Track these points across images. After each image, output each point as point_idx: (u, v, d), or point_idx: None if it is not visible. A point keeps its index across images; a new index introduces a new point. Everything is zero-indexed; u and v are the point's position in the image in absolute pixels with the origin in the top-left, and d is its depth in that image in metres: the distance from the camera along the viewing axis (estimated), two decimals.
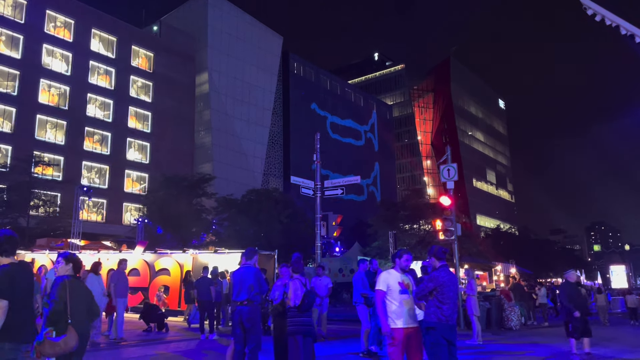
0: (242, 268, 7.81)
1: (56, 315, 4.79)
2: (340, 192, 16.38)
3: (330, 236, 16.07)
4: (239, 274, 7.69)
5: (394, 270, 6.32)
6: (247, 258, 7.91)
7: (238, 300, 7.49)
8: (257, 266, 7.92)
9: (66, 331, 4.76)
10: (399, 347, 5.94)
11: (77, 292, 5.05)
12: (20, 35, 47.82)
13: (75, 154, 49.21)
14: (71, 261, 5.31)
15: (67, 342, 4.72)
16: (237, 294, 7.54)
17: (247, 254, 7.98)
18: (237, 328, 7.45)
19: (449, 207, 16.26)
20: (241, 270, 7.77)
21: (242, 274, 7.64)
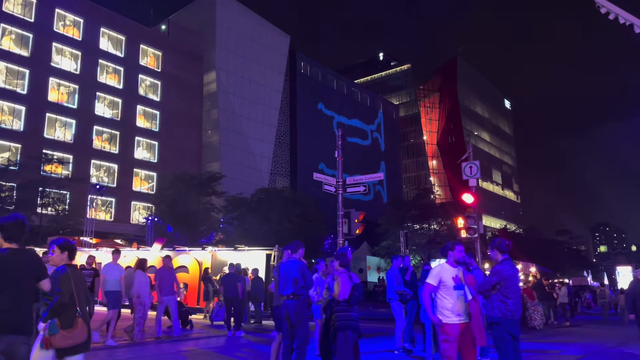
0: (288, 261, 7.65)
1: (61, 308, 4.65)
2: (363, 188, 16.26)
3: (352, 233, 15.95)
4: (284, 268, 7.54)
5: (447, 264, 6.20)
6: (292, 251, 7.75)
7: (283, 294, 7.35)
8: (304, 260, 7.78)
9: (75, 323, 4.65)
10: (454, 344, 5.83)
11: (79, 282, 4.90)
12: (29, 34, 47.86)
13: (84, 153, 49.22)
14: (66, 249, 5.02)
15: (78, 335, 4.64)
16: (282, 288, 7.41)
17: (293, 247, 7.81)
18: (284, 323, 7.32)
19: (472, 205, 16.15)
20: (287, 263, 7.62)
21: (288, 267, 7.49)
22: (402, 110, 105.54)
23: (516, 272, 5.87)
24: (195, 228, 42.44)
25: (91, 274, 11.63)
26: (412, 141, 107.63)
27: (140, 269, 11.45)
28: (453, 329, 5.85)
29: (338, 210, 16.11)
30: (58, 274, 4.79)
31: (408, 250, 36.93)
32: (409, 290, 10.05)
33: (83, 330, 4.68)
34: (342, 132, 19.48)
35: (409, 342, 10.31)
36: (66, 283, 4.73)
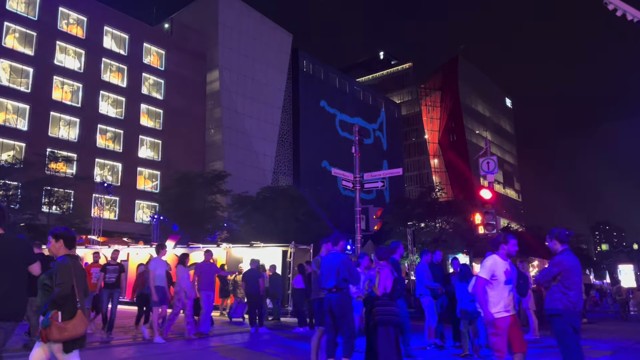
0: (330, 254, 7.49)
1: (63, 299, 4.50)
2: (381, 184, 16.12)
3: (371, 230, 15.84)
4: (326, 260, 7.39)
5: (498, 256, 6.07)
6: (333, 244, 7.59)
7: (326, 287, 7.19)
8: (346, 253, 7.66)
9: (75, 315, 4.51)
10: (503, 337, 5.73)
11: (79, 274, 4.74)
12: (33, 32, 47.70)
13: (88, 151, 49.02)
14: (61, 237, 4.83)
15: (77, 327, 4.47)
16: (324, 281, 7.24)
17: (333, 240, 7.64)
18: (327, 316, 7.14)
19: (490, 201, 16.03)
20: (329, 256, 7.46)
21: (330, 260, 7.33)
22: (404, 109, 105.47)
23: (577, 263, 5.74)
24: (201, 226, 42.32)
25: (116, 269, 11.53)
26: (413, 140, 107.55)
27: (182, 264, 11.25)
28: (503, 322, 5.74)
29: (355, 206, 15.99)
30: (59, 264, 4.62)
31: (415, 249, 36.82)
32: (440, 285, 9.95)
33: (82, 323, 4.54)
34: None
35: (439, 338, 10.21)
36: (67, 274, 4.56)
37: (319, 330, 7.57)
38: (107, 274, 11.41)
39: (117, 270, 11.59)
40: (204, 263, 12.24)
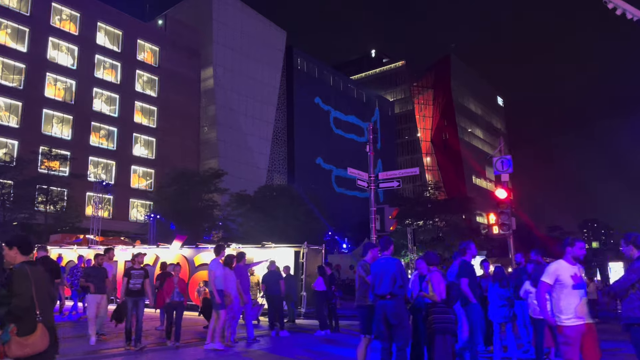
0: (383, 259, 7.17)
1: (20, 311, 4.03)
2: (397, 184, 15.86)
3: (387, 230, 15.58)
4: (379, 266, 7.05)
5: (564, 260, 5.83)
6: (383, 248, 7.28)
7: (379, 293, 6.87)
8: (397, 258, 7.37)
9: (35, 329, 4.06)
10: (574, 346, 5.48)
11: (40, 282, 4.26)
12: (26, 28, 46.93)
13: (81, 149, 48.31)
14: (15, 244, 4.39)
15: (36, 343, 4.05)
16: (377, 287, 6.91)
17: (383, 244, 7.33)
18: (381, 325, 6.81)
19: (505, 200, 15.86)
20: (381, 261, 7.14)
21: (384, 265, 7.00)
22: (397, 107, 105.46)
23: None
24: (199, 225, 41.92)
25: (141, 275, 10.39)
26: (406, 138, 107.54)
27: (227, 266, 10.49)
28: (572, 331, 5.49)
29: (370, 206, 15.74)
30: (15, 273, 4.16)
31: (416, 247, 36.73)
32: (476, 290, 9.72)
33: (44, 337, 4.09)
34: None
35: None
36: (23, 283, 4.10)
37: (365, 339, 7.22)
38: (132, 280, 10.28)
39: (142, 275, 10.44)
40: (241, 266, 11.49)
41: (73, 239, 31.29)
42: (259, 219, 38.68)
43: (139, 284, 10.34)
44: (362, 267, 7.37)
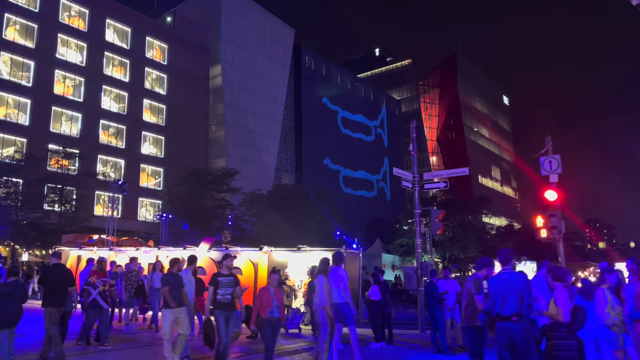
0: (505, 274, 6.25)
1: None
2: (444, 185, 15.14)
3: (434, 234, 14.89)
4: (502, 282, 6.14)
5: None
6: (504, 262, 6.35)
7: (503, 314, 5.99)
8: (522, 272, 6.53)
9: None
10: None
11: None
12: (34, 25, 46.22)
13: (90, 148, 47.55)
14: None
15: None
16: (500, 306, 6.05)
17: (504, 257, 6.35)
18: (505, 351, 5.96)
19: (555, 203, 15.12)
20: (504, 276, 6.21)
21: (508, 281, 6.10)
22: (403, 106, 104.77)
23: None
24: (211, 225, 41.23)
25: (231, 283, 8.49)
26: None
27: (322, 274, 9.17)
28: None
29: (415, 208, 14.98)
30: None
31: (434, 249, 36.05)
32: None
33: None
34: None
35: None
36: None
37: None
38: (220, 289, 8.26)
39: (232, 283, 8.37)
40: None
41: (86, 239, 30.57)
42: (274, 219, 37.94)
43: (229, 294, 8.31)
44: (473, 284, 6.52)
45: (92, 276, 10.63)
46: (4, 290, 8.29)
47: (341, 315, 8.96)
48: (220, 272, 8.66)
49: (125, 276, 13.95)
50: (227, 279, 8.47)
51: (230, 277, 8.52)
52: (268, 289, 8.32)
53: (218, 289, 8.28)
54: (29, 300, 23.70)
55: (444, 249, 44.68)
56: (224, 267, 8.75)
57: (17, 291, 8.34)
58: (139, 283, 14.03)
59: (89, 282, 10.53)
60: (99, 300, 10.42)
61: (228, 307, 8.30)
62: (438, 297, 10.51)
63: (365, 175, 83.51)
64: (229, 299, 8.34)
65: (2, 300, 8.16)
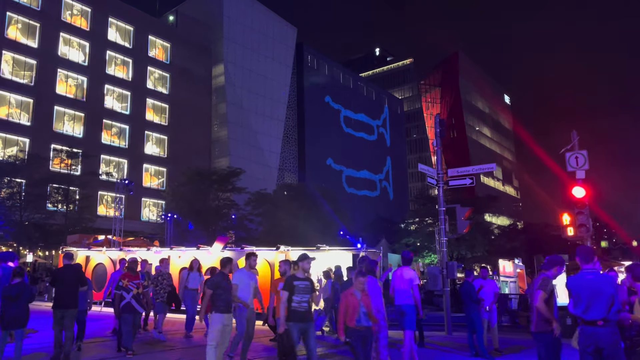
0: (590, 275, 5.57)
1: None
2: (470, 181, 14.66)
3: (460, 232, 14.42)
4: (587, 283, 5.51)
5: None
6: (584, 260, 5.64)
7: (588, 318, 5.41)
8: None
9: None
10: None
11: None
12: (36, 23, 45.76)
13: (93, 147, 47.02)
14: None
15: None
16: (584, 310, 5.44)
17: (585, 254, 5.66)
18: (590, 357, 5.40)
19: (583, 200, 14.68)
20: (588, 277, 5.55)
21: (593, 282, 5.46)
22: (405, 105, 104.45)
23: None
24: (216, 225, 40.79)
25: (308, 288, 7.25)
26: (414, 136, 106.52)
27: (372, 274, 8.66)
28: None
29: (439, 206, 14.53)
30: None
31: None
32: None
33: None
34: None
35: None
36: None
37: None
38: (296, 295, 7.02)
39: (310, 289, 7.18)
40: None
41: (92, 239, 30.11)
42: (281, 219, 37.50)
43: (306, 301, 7.04)
44: (542, 285, 5.97)
45: (123, 279, 9.82)
46: (9, 292, 8.31)
47: (405, 317, 8.50)
48: (295, 274, 7.32)
49: (156, 279, 12.40)
50: (304, 283, 7.13)
51: (306, 282, 7.21)
52: (354, 293, 6.99)
53: (293, 295, 7.00)
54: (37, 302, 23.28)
55: (451, 249, 44.17)
56: (299, 269, 7.36)
57: (23, 293, 8.37)
58: (171, 287, 12.54)
59: (121, 285, 9.71)
60: (134, 304, 9.64)
61: (305, 317, 7.05)
62: (475, 298, 10.06)
63: (368, 174, 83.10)
64: (305, 308, 7.05)
65: (7, 302, 8.21)
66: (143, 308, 9.97)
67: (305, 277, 7.23)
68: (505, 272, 33.12)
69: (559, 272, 6.15)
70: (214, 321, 7.85)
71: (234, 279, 8.53)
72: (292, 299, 6.95)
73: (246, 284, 8.54)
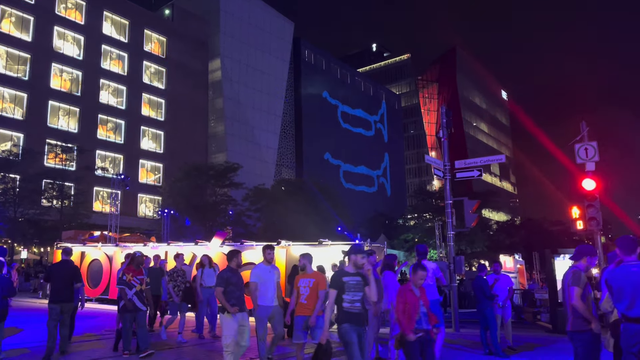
0: (634, 266, 4.98)
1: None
2: (477, 173, 14.18)
3: (468, 226, 13.96)
4: (630, 276, 4.94)
5: None
6: (626, 251, 5.05)
7: (630, 315, 4.86)
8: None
9: None
10: None
11: None
12: (30, 17, 45.08)
13: (88, 143, 46.37)
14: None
15: None
16: (627, 306, 4.89)
17: (627, 245, 5.06)
18: (635, 358, 4.86)
19: (594, 192, 14.26)
20: (633, 269, 4.97)
21: (636, 275, 4.91)
22: (402, 101, 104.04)
23: None
24: (213, 221, 40.31)
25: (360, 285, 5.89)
26: (412, 132, 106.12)
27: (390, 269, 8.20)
28: None
29: (446, 199, 14.07)
30: None
31: (444, 244, 35.27)
32: None
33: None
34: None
35: None
36: None
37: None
38: (347, 294, 5.78)
39: (362, 285, 5.85)
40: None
41: (87, 235, 29.65)
42: (280, 214, 37.04)
43: (359, 300, 5.81)
44: (574, 279, 5.43)
45: (127, 273, 9.17)
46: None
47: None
48: (344, 269, 6.00)
49: (170, 276, 11.42)
50: (355, 279, 5.84)
51: (358, 277, 5.87)
52: (412, 289, 5.97)
53: (343, 294, 5.78)
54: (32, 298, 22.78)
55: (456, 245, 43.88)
56: (350, 263, 5.99)
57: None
58: (186, 285, 11.63)
59: (124, 280, 9.07)
60: (136, 301, 8.98)
61: (360, 319, 5.83)
62: (489, 294, 9.61)
63: (366, 170, 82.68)
64: (359, 308, 5.81)
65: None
66: (145, 306, 9.23)
67: (356, 272, 5.90)
68: (506, 267, 32.89)
69: (591, 263, 5.64)
70: (227, 323, 7.09)
71: (252, 276, 7.83)
72: (342, 298, 5.78)
73: (266, 281, 7.77)
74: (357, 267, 5.91)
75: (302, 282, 7.33)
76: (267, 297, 7.74)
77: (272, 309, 7.82)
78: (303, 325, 7.16)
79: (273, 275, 7.89)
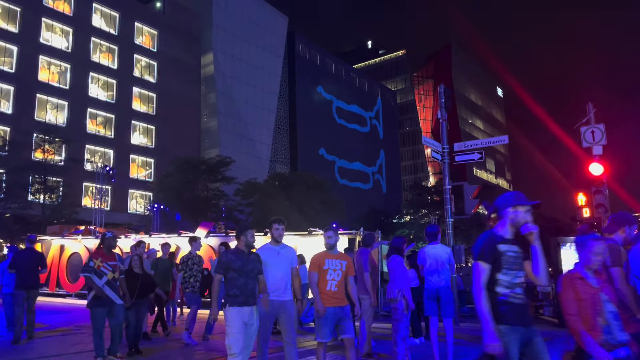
0: None
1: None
2: (478, 156, 13.29)
3: (468, 212, 13.09)
4: None
5: None
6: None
7: None
8: None
9: None
10: None
11: None
12: (17, 8, 44.03)
13: (77, 137, 45.32)
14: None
15: None
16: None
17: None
18: None
19: (601, 177, 13.42)
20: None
21: None
22: (398, 97, 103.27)
23: None
24: (204, 216, 39.37)
25: None
26: (407, 129, 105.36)
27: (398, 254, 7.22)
28: None
29: (444, 184, 13.20)
30: None
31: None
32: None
33: None
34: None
35: None
36: None
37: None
38: (505, 271, 3.53)
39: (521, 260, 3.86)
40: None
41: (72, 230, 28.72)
42: (272, 208, 36.11)
43: (521, 284, 3.21)
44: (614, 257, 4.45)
45: (95, 259, 7.35)
46: None
47: (444, 303, 7.18)
48: (495, 231, 3.64)
49: (184, 264, 9.68)
50: (513, 248, 3.57)
51: (516, 246, 3.59)
52: (584, 276, 3.79)
53: (499, 273, 3.50)
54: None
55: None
56: (496, 221, 3.80)
57: None
58: (203, 274, 10.20)
59: (91, 267, 7.24)
60: (108, 291, 7.21)
61: (526, 315, 3.54)
62: None
63: (361, 166, 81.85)
64: (523, 298, 3.53)
65: None
66: (120, 298, 7.44)
67: (512, 239, 3.59)
68: None
69: (629, 234, 4.66)
70: (230, 318, 5.54)
71: None
72: (497, 279, 3.46)
73: (272, 265, 5.92)
74: (515, 226, 3.55)
75: (328, 263, 5.84)
76: (275, 287, 5.88)
77: (282, 305, 5.92)
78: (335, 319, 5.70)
79: (283, 258, 6.00)
